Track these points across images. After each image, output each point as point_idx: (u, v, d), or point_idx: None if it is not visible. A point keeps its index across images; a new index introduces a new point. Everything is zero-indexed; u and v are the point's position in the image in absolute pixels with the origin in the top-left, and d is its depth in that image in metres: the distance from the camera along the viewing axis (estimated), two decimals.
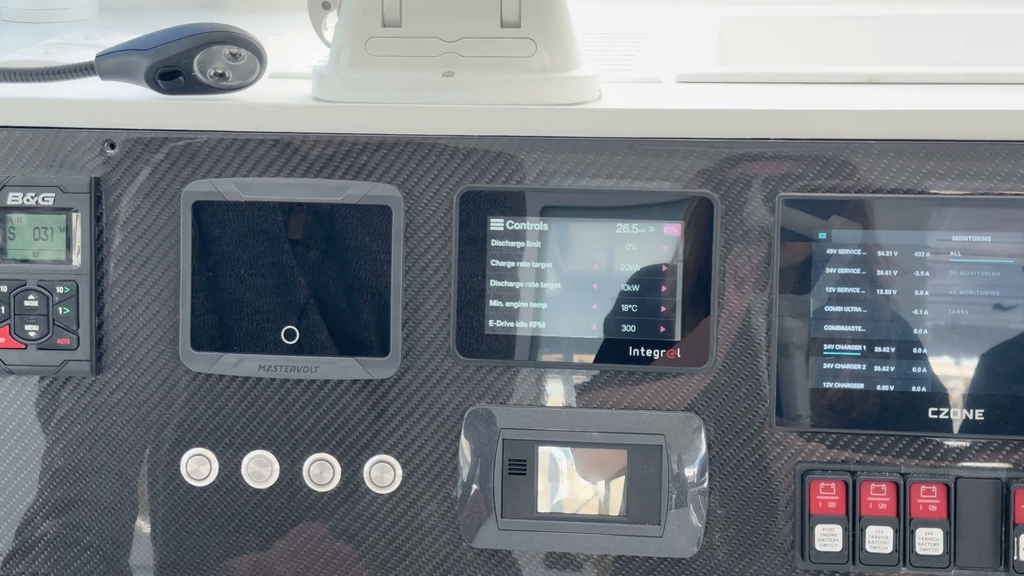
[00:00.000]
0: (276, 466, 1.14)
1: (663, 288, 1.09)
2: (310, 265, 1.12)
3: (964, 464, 1.08)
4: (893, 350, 1.07)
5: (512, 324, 1.11)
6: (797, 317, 1.08)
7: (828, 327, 1.08)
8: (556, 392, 1.11)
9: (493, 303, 1.11)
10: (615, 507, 1.11)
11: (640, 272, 1.09)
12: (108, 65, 1.12)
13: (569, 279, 1.10)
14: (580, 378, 1.11)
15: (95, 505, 1.15)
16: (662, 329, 1.09)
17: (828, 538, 1.08)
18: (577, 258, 1.10)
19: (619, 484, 1.11)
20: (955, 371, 1.07)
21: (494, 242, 1.10)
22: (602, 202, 1.10)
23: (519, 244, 1.10)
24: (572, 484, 1.11)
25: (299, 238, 1.12)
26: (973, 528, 1.07)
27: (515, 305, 1.10)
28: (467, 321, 1.11)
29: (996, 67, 1.22)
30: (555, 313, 1.10)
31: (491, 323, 1.11)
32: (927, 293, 1.07)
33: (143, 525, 1.16)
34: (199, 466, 1.14)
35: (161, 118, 1.12)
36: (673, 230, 1.09)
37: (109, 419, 1.15)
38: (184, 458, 1.14)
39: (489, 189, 1.10)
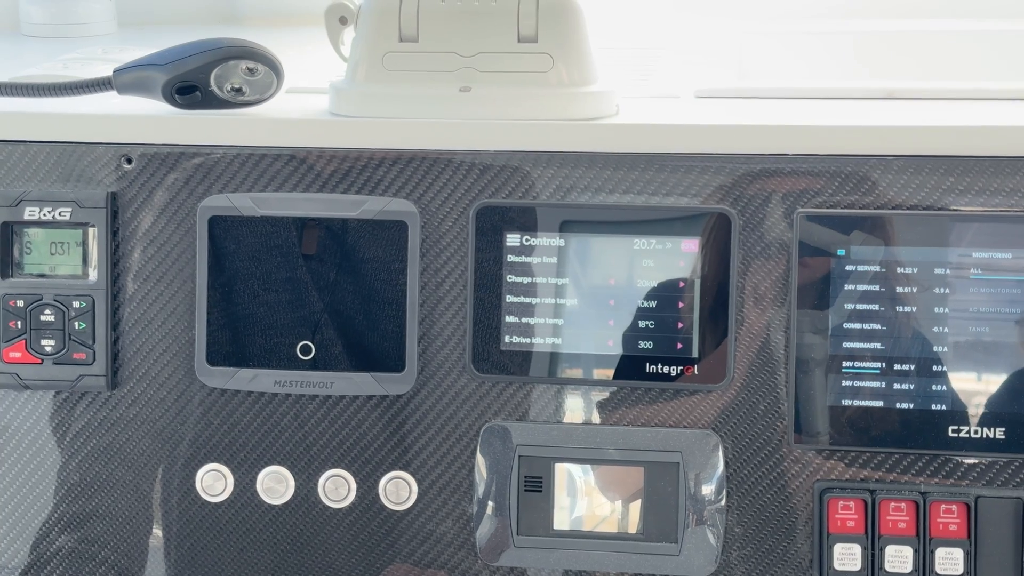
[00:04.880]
0: (291, 482, 1.13)
1: (680, 304, 1.09)
2: (326, 280, 1.12)
3: (985, 483, 1.07)
4: (913, 367, 1.06)
5: (528, 340, 1.10)
6: (816, 334, 1.07)
7: (847, 344, 1.07)
8: (572, 409, 1.11)
9: (509, 319, 1.10)
10: (632, 525, 1.10)
11: (657, 288, 1.09)
12: (125, 80, 1.12)
13: (586, 295, 1.10)
14: (597, 395, 1.11)
15: (111, 520, 1.15)
16: (679, 346, 1.09)
17: (847, 557, 1.07)
18: (594, 274, 1.10)
19: (636, 502, 1.10)
20: (976, 389, 1.06)
21: (510, 257, 1.10)
22: (619, 217, 1.09)
23: (535, 260, 1.10)
24: (588, 501, 1.11)
25: (315, 253, 1.12)
26: (994, 548, 1.06)
27: (531, 321, 1.10)
28: (483, 337, 1.10)
29: (1017, 82, 1.22)
30: (572, 329, 1.10)
31: (507, 339, 1.10)
32: (947, 310, 1.06)
33: (158, 540, 1.15)
34: (214, 481, 1.14)
35: (178, 133, 1.12)
36: (691, 246, 1.09)
37: (125, 434, 1.15)
38: (199, 473, 1.14)
39: (506, 204, 1.10)
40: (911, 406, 1.07)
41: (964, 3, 1.50)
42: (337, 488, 1.13)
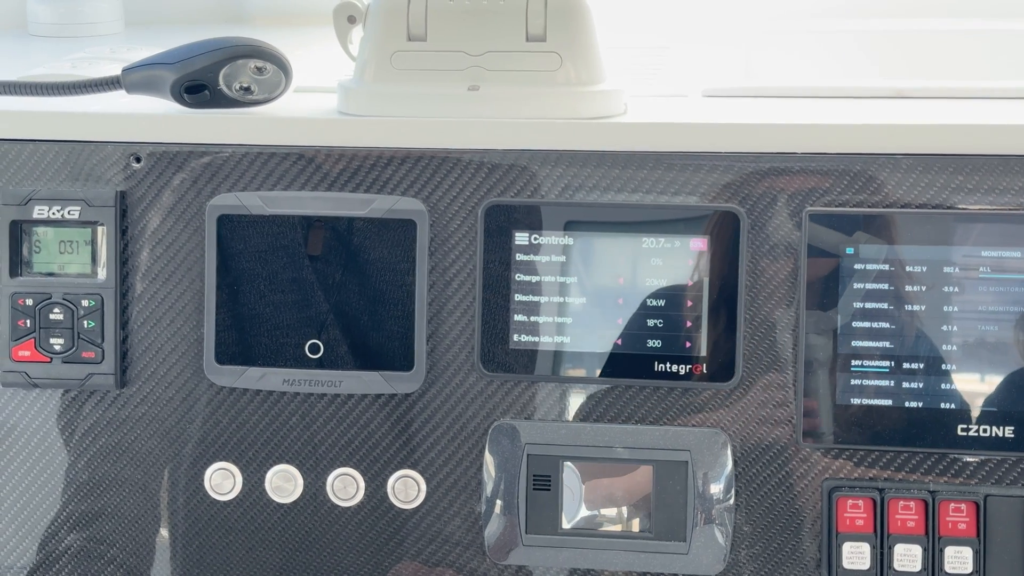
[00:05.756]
0: (300, 481, 1.14)
1: (688, 303, 1.09)
2: (334, 279, 1.12)
3: (994, 482, 1.07)
4: (921, 366, 1.06)
5: (537, 339, 1.10)
6: (824, 333, 1.07)
7: (855, 343, 1.07)
8: (581, 407, 1.11)
9: (518, 317, 1.10)
10: (640, 524, 1.10)
11: (665, 287, 1.09)
12: (134, 79, 1.12)
13: (594, 294, 1.10)
14: (605, 393, 1.10)
15: (119, 519, 1.15)
16: (687, 344, 1.09)
17: (856, 556, 1.07)
18: (602, 273, 1.10)
19: (644, 500, 1.10)
20: (984, 388, 1.06)
21: (519, 256, 1.10)
22: (627, 216, 1.09)
23: (544, 258, 1.10)
24: (597, 500, 1.11)
25: (323, 252, 1.12)
26: (1003, 547, 1.06)
27: (540, 320, 1.10)
28: (491, 336, 1.10)
29: None
30: (580, 328, 1.10)
31: (516, 338, 1.10)
32: (955, 309, 1.06)
33: (166, 539, 1.15)
34: (223, 480, 1.14)
35: (187, 132, 1.13)
36: (699, 245, 1.09)
37: (133, 433, 1.15)
38: (208, 472, 1.14)
39: (514, 203, 1.10)
40: (920, 405, 1.06)
41: (972, 2, 1.50)
42: (345, 487, 1.13)
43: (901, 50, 1.43)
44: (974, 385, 1.06)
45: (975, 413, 1.06)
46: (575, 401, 1.11)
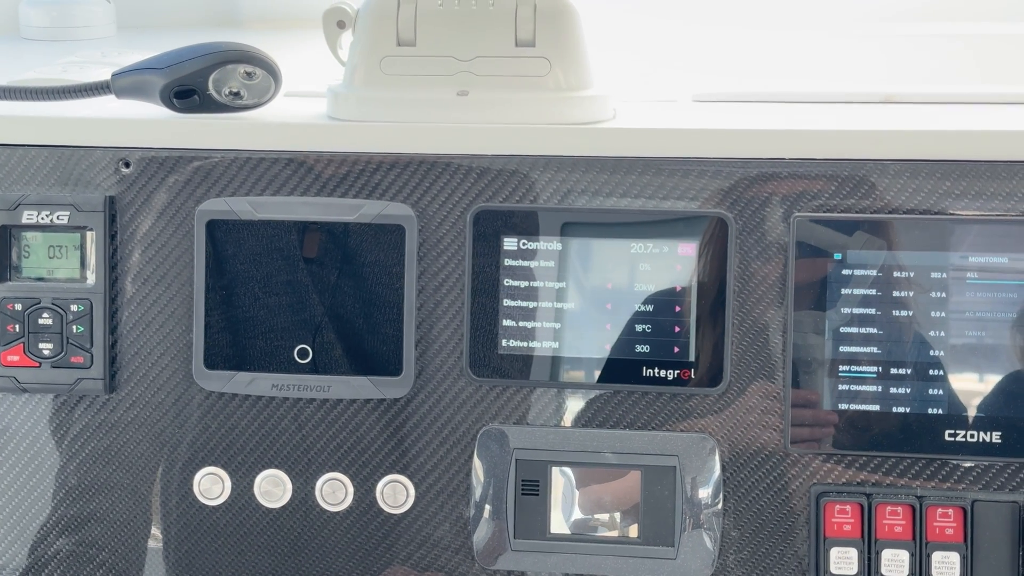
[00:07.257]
0: (289, 485, 1.14)
1: (677, 308, 1.09)
2: (324, 284, 1.12)
3: (981, 487, 1.07)
4: (910, 371, 1.06)
5: (525, 344, 1.10)
6: (812, 338, 1.07)
7: (844, 348, 1.07)
8: (569, 412, 1.11)
9: (506, 323, 1.10)
10: (628, 529, 1.10)
11: (654, 292, 1.09)
12: (123, 84, 1.12)
13: (583, 299, 1.10)
14: (593, 398, 1.11)
15: (108, 523, 1.15)
16: (676, 350, 1.09)
17: (843, 561, 1.07)
18: (591, 277, 1.10)
19: (632, 506, 1.10)
20: (972, 393, 1.06)
21: (508, 261, 1.10)
22: (616, 221, 1.09)
23: (533, 263, 1.10)
24: (585, 505, 1.11)
25: (313, 257, 1.12)
26: (990, 552, 1.06)
27: (528, 325, 1.10)
28: (480, 341, 1.10)
29: (1014, 86, 1.22)
30: (569, 333, 1.10)
31: (504, 343, 1.10)
32: (944, 314, 1.06)
33: (156, 543, 1.16)
34: (212, 485, 1.14)
35: (176, 137, 1.13)
36: (688, 250, 1.09)
37: (123, 437, 1.15)
38: (197, 477, 1.14)
39: (503, 208, 1.10)
40: (908, 410, 1.07)
41: (960, 6, 1.50)
42: (334, 491, 1.13)
43: (890, 55, 1.43)
44: (962, 390, 1.06)
45: (963, 418, 1.06)
46: (564, 406, 1.11)
